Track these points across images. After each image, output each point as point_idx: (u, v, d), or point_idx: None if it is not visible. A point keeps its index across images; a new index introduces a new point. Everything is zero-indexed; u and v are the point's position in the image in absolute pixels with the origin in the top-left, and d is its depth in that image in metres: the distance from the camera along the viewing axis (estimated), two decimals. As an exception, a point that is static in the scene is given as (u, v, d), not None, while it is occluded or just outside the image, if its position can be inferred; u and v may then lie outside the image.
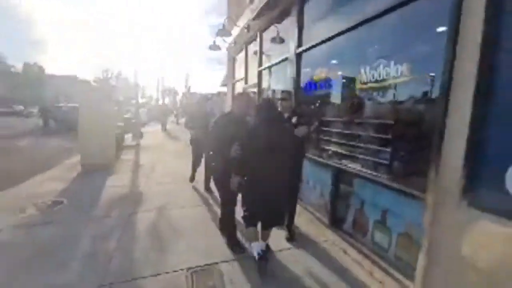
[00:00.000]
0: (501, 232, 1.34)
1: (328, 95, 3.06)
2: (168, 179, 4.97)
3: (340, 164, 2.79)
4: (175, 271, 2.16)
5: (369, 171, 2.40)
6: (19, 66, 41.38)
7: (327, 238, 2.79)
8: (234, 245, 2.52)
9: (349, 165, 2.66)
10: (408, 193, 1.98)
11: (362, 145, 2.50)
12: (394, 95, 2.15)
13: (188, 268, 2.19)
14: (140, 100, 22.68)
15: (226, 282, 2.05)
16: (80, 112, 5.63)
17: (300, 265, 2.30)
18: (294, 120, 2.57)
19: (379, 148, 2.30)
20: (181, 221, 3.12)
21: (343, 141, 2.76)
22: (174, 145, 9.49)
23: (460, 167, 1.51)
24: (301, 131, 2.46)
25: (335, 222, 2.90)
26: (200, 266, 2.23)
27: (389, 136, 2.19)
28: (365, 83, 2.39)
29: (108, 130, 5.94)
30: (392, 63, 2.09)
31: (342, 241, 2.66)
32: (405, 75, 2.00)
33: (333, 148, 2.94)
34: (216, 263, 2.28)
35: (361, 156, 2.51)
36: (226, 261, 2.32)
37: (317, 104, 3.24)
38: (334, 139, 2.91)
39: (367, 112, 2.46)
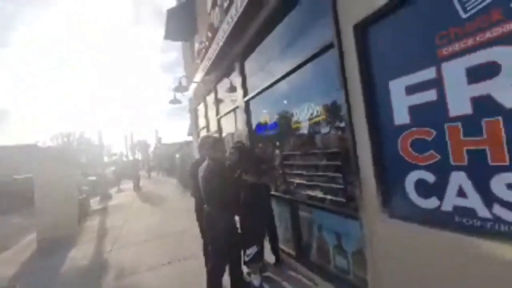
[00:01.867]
0: (415, 236, 1.59)
1: (273, 136, 3.42)
2: (136, 239, 4.74)
3: (293, 196, 3.03)
4: None
5: (315, 201, 2.64)
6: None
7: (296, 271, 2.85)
8: None
9: (297, 195, 2.89)
10: (349, 214, 2.22)
11: (304, 173, 2.79)
12: (317, 130, 2.54)
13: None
14: (106, 160, 21.79)
15: None
16: (35, 182, 5.37)
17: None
18: (238, 171, 2.78)
19: (316, 175, 2.59)
20: (150, 285, 2.97)
21: (292, 174, 3.03)
22: (144, 202, 9.12)
23: (375, 187, 1.80)
24: (250, 177, 2.71)
25: (302, 254, 3.01)
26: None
27: (322, 163, 2.51)
28: (298, 122, 2.79)
29: (68, 197, 5.66)
30: (312, 104, 2.53)
31: (308, 271, 2.75)
32: (322, 114, 2.42)
33: (283, 181, 3.20)
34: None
35: (306, 185, 2.77)
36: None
37: (266, 145, 3.59)
38: (285, 173, 3.18)
39: (302, 145, 2.82)
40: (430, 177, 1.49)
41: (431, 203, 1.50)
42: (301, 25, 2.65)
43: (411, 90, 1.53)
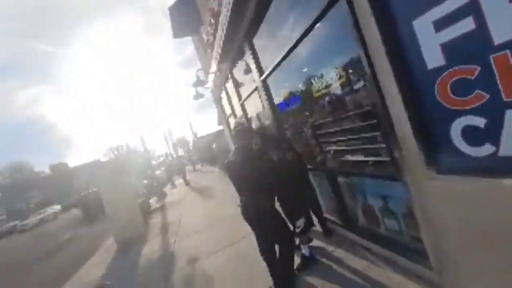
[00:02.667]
0: (471, 190, 1.42)
1: (299, 108, 3.29)
2: (194, 228, 5.20)
3: (331, 164, 2.93)
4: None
5: (356, 165, 2.52)
6: (47, 170, 45.35)
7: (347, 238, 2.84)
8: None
9: (336, 163, 2.79)
10: (393, 175, 2.07)
11: (340, 139, 2.65)
12: (343, 92, 2.35)
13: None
14: (154, 163, 23.75)
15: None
16: (102, 194, 6.18)
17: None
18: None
19: (353, 139, 2.44)
20: (211, 269, 3.27)
21: (327, 142, 2.91)
22: (194, 194, 9.85)
23: (415, 144, 1.63)
24: (274, 155, 2.68)
25: (349, 221, 2.96)
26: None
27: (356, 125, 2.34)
28: (321, 89, 2.62)
29: (130, 202, 6.41)
30: (331, 67, 2.33)
31: (358, 237, 2.71)
32: (344, 75, 2.22)
33: (320, 152, 3.09)
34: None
35: (344, 150, 2.65)
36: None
37: (294, 119, 3.47)
38: (320, 143, 3.07)
39: (331, 111, 2.65)
40: (480, 122, 1.28)
41: (486, 150, 1.30)
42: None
43: (441, 24, 1.29)
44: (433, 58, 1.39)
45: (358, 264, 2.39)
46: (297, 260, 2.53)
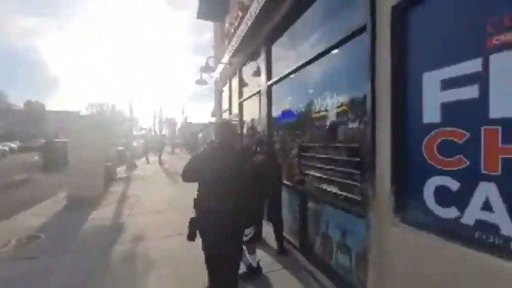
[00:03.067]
0: (427, 246, 1.45)
1: (292, 124, 3.31)
2: (153, 207, 5.01)
3: (305, 187, 2.94)
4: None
5: (328, 195, 2.54)
6: (20, 105, 42.61)
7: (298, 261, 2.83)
8: None
9: (310, 188, 2.80)
10: (360, 213, 2.10)
11: (321, 166, 2.67)
12: (336, 122, 2.39)
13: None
14: (135, 133, 23.04)
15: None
16: (70, 144, 5.85)
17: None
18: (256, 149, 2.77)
19: (333, 170, 2.47)
20: (156, 253, 3.14)
21: (308, 165, 2.93)
22: (165, 175, 9.58)
23: (389, 186, 1.67)
24: (258, 159, 2.65)
25: (305, 246, 2.96)
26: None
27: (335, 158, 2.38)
28: (318, 112, 2.65)
29: (96, 162, 6.10)
30: (335, 94, 2.37)
31: (310, 264, 2.70)
32: (345, 105, 2.26)
33: (298, 172, 3.11)
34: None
35: (321, 178, 2.67)
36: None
37: (282, 132, 3.49)
38: (301, 164, 3.08)
39: (321, 137, 2.68)
40: (453, 185, 1.33)
41: (450, 213, 1.35)
42: (333, 6, 2.46)
43: (447, 84, 1.35)
44: (430, 113, 1.44)
45: (300, 289, 2.37)
46: (242, 267, 2.47)
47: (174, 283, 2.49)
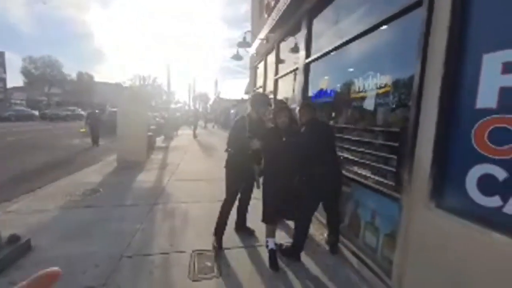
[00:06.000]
0: (461, 233, 1.46)
1: (329, 104, 3.26)
2: (189, 176, 5.47)
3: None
4: (182, 251, 2.53)
5: (361, 178, 2.55)
6: (73, 75, 46.86)
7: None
8: (219, 248, 2.59)
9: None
10: (392, 196, 2.11)
11: (355, 149, 2.66)
12: (377, 104, 2.32)
13: (192, 251, 2.55)
14: (173, 106, 24.14)
15: (222, 265, 2.36)
16: (118, 116, 6.46)
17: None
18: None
19: (368, 154, 2.45)
20: (193, 213, 3.52)
21: (342, 147, 2.93)
22: (199, 147, 10.15)
23: (428, 170, 1.65)
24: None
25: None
26: (202, 250, 2.58)
27: (375, 141, 2.35)
28: (358, 92, 2.58)
29: (140, 132, 6.69)
30: (379, 74, 2.28)
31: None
32: (388, 86, 2.17)
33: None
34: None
35: (354, 161, 2.67)
36: (228, 248, 2.63)
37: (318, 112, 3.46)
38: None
39: (359, 119, 2.64)
40: (501, 174, 1.29)
41: (492, 201, 1.32)
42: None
43: (510, 67, 1.25)
44: (486, 98, 1.36)
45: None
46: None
47: (205, 237, 2.81)
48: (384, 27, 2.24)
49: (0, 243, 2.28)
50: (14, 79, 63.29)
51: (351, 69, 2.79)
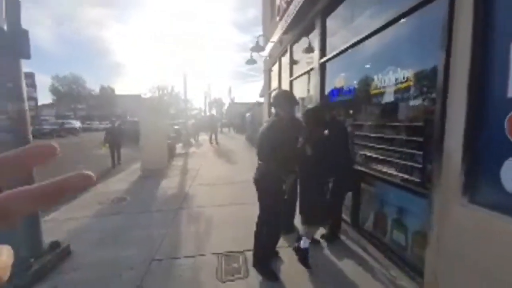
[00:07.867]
0: (499, 229, 1.39)
1: (347, 102, 3.21)
2: (209, 181, 5.59)
3: (360, 167, 2.91)
4: (208, 254, 2.60)
5: (386, 176, 2.49)
6: (97, 89, 49.59)
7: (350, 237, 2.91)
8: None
9: (365, 168, 2.77)
10: (420, 193, 2.04)
11: (377, 146, 2.60)
12: (399, 98, 2.26)
13: (219, 253, 2.60)
14: (190, 113, 24.75)
15: (249, 267, 2.39)
16: (141, 126, 6.77)
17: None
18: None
19: (392, 151, 2.38)
20: (217, 216, 3.59)
21: (362, 145, 2.87)
22: (217, 153, 10.33)
23: (459, 165, 1.58)
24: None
25: (358, 222, 3.00)
26: (228, 251, 2.63)
27: (402, 137, 2.28)
28: (378, 88, 2.53)
29: (161, 141, 6.96)
30: (399, 68, 2.22)
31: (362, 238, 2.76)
32: (410, 80, 2.11)
33: (351, 152, 3.07)
34: (242, 251, 2.64)
35: (377, 159, 2.61)
36: (250, 250, 2.66)
37: (338, 113, 3.41)
38: (355, 144, 3.04)
39: (379, 116, 2.57)
40: (540, 165, 1.22)
41: (533, 195, 1.25)
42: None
43: (544, 52, 1.19)
44: (518, 86, 1.30)
45: (353, 262, 2.48)
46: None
47: (230, 239, 2.87)
48: (403, 20, 2.19)
49: (43, 250, 2.47)
50: (44, 97, 68.31)
51: (370, 66, 2.74)
